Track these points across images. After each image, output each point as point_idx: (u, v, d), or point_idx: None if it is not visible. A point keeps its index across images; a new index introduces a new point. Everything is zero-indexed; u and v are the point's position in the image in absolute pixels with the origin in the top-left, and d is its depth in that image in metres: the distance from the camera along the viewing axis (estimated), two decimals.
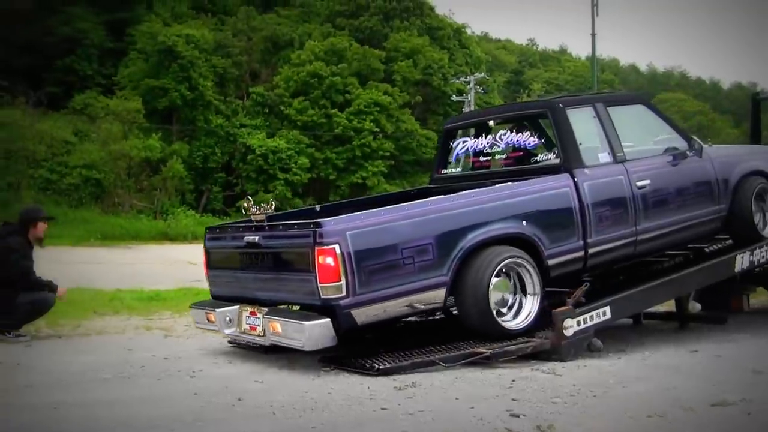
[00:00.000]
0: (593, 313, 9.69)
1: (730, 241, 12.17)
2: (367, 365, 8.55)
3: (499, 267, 9.18)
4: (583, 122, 10.64)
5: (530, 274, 9.52)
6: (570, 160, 10.24)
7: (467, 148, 11.80)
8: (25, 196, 48.67)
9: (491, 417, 6.64)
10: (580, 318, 9.49)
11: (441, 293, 8.97)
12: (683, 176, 11.24)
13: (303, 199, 59.94)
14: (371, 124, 64.19)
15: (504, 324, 9.29)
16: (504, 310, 9.42)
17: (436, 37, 77.97)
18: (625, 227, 10.44)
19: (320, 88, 65.29)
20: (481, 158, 11.58)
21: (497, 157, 11.37)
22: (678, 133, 11.58)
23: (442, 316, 11.11)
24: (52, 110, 58.27)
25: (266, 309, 9.08)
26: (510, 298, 9.49)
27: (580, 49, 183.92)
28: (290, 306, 9.28)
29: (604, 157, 10.60)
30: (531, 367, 8.81)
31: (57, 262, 11.99)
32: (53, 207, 47.82)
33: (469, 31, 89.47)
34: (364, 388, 7.68)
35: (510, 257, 9.32)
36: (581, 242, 10.03)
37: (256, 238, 9.33)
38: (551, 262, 9.75)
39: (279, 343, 8.84)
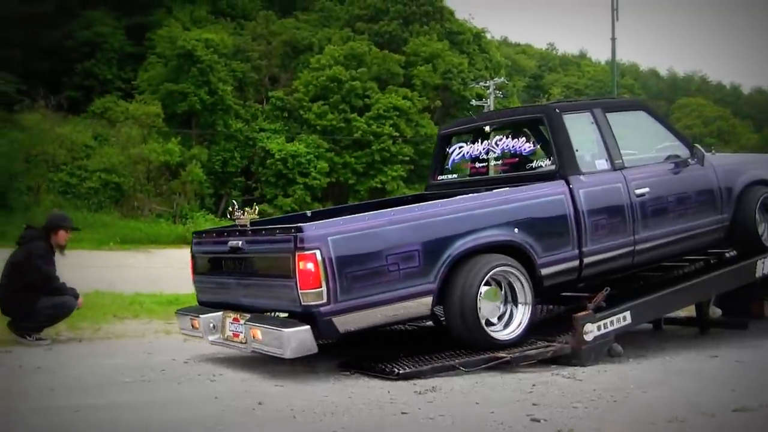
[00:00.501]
0: (614, 318, 9.68)
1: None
2: (387, 369, 8.53)
3: (488, 276, 9.05)
4: (580, 128, 10.49)
5: (521, 283, 9.37)
6: (566, 167, 10.08)
7: (463, 154, 11.66)
8: (44, 200, 48.87)
9: (512, 421, 6.63)
10: (601, 323, 9.48)
11: (428, 301, 8.83)
12: (684, 184, 11.06)
13: (322, 203, 59.82)
14: (390, 128, 64.14)
15: (493, 334, 9.13)
16: (494, 319, 9.26)
17: (456, 41, 77.94)
18: (623, 236, 10.28)
19: (339, 93, 65.29)
20: (477, 164, 11.45)
21: (493, 163, 11.23)
22: (680, 141, 11.42)
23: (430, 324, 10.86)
24: (71, 114, 58.41)
25: (249, 315, 8.95)
26: (500, 308, 9.34)
27: (599, 54, 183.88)
28: (274, 313, 9.18)
29: (602, 163, 10.45)
30: (551, 371, 8.81)
31: (77, 266, 12.00)
32: (73, 211, 47.98)
33: (488, 36, 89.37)
34: (384, 392, 7.67)
35: (500, 266, 9.18)
36: (576, 251, 9.88)
37: (240, 243, 9.21)
38: (544, 271, 9.61)
39: (260, 351, 8.70)
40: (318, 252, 8.11)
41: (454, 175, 11.76)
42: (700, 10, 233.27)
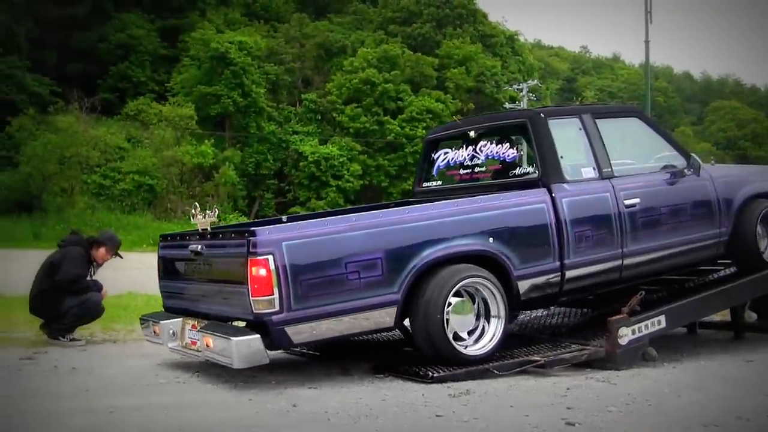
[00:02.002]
0: (648, 321, 9.55)
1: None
2: (421, 372, 8.43)
3: (456, 287, 8.54)
4: (566, 134, 10.02)
5: (494, 296, 8.83)
6: (548, 174, 9.54)
7: (448, 161, 11.10)
8: (78, 202, 49.15)
9: (546, 425, 6.60)
10: (635, 327, 9.36)
11: (391, 312, 8.34)
12: (679, 196, 10.51)
13: (355, 206, 60.02)
14: (423, 131, 64.01)
15: (461, 349, 8.59)
16: (464, 333, 8.71)
17: (489, 44, 78.04)
18: (610, 249, 9.72)
19: (373, 95, 65.37)
20: (462, 171, 10.84)
21: (477, 169, 10.65)
22: (675, 150, 10.85)
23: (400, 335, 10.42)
24: (105, 116, 58.78)
25: (205, 323, 8.61)
26: (472, 322, 8.79)
27: (633, 57, 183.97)
28: (233, 321, 8.73)
29: (589, 172, 9.93)
30: (585, 375, 8.75)
31: (110, 268, 12.02)
32: (106, 213, 48.38)
33: (522, 39, 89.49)
34: (419, 395, 7.64)
35: (471, 277, 8.66)
36: (557, 263, 9.35)
37: (199, 247, 8.86)
38: (521, 283, 9.09)
39: (212, 360, 8.28)
40: (271, 257, 7.75)
41: (439, 182, 11.20)
42: (734, 13, 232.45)
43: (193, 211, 8.97)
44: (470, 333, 8.80)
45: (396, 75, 67.12)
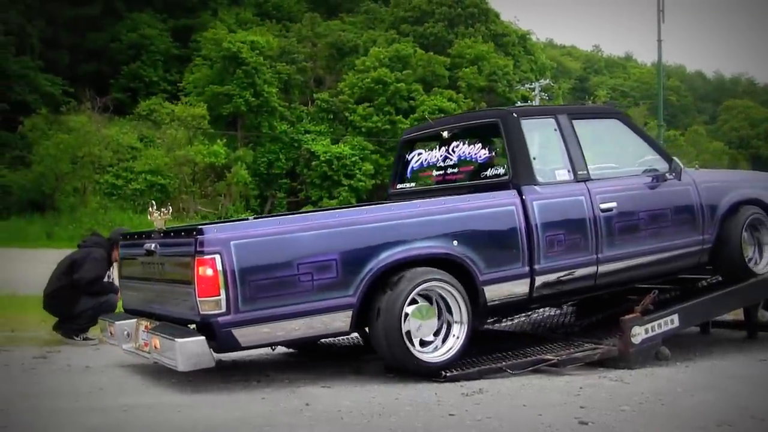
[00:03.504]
0: (661, 321, 9.43)
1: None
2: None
3: (416, 291, 8.18)
4: (540, 135, 9.75)
5: (457, 301, 8.44)
6: (519, 176, 9.16)
7: (422, 161, 10.72)
8: (90, 201, 49.29)
9: (559, 424, 6.57)
10: (649, 326, 9.27)
11: (346, 316, 8.01)
12: (659, 201, 10.10)
13: None
14: None
15: (420, 356, 8.21)
16: (425, 339, 8.35)
17: (501, 43, 78.06)
18: (584, 255, 9.35)
19: (385, 95, 65.43)
20: (435, 172, 10.48)
21: (450, 171, 10.26)
22: (657, 153, 10.47)
23: (358, 340, 10.34)
24: (117, 116, 59.01)
25: (157, 324, 8.36)
26: (433, 327, 8.41)
27: (645, 56, 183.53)
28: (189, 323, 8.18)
29: (563, 174, 9.55)
30: (598, 374, 8.70)
31: None
32: (119, 212, 48.44)
33: (534, 38, 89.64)
34: (432, 394, 7.62)
35: (431, 281, 8.29)
36: (526, 268, 8.94)
37: (153, 246, 8.53)
38: (488, 289, 8.70)
39: (160, 362, 7.96)
40: (218, 257, 7.46)
41: (413, 184, 10.85)
42: (747, 12, 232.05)
43: (150, 209, 8.86)
44: (432, 338, 8.45)
45: (408, 74, 67.19)
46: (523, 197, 9.03)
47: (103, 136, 52.08)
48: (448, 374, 8.24)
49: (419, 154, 10.78)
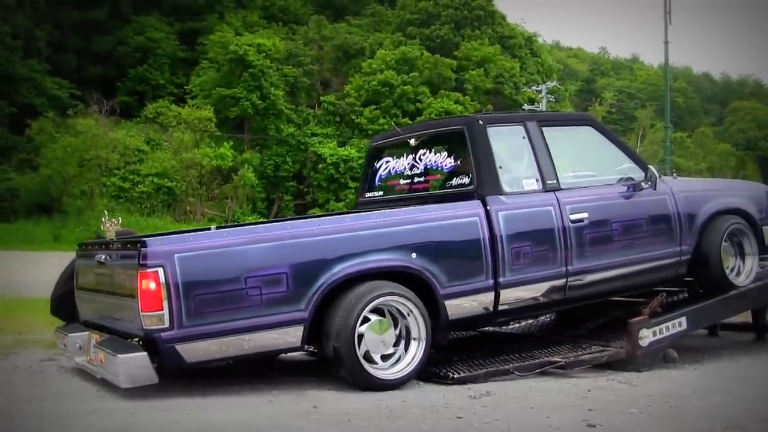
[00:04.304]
0: (669, 323, 9.41)
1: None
2: (441, 374, 8.38)
3: (371, 306, 7.90)
4: (507, 143, 9.38)
5: (415, 316, 8.15)
6: (484, 185, 8.87)
7: (389, 170, 10.38)
8: (97, 204, 49.31)
9: (568, 427, 6.58)
10: (656, 328, 9.25)
11: (297, 331, 7.72)
12: (634, 211, 9.80)
13: None
14: None
15: (374, 372, 7.92)
16: (379, 356, 8.05)
17: (508, 45, 78.04)
18: (552, 267, 9.04)
19: (391, 97, 65.46)
20: (402, 181, 10.11)
21: (417, 179, 9.89)
22: (633, 161, 10.17)
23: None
24: (124, 119, 59.19)
25: (106, 337, 8.15)
26: (389, 343, 8.12)
27: (652, 58, 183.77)
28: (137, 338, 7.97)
29: (531, 183, 9.23)
30: (606, 377, 8.70)
31: None
32: (126, 215, 48.38)
33: (540, 40, 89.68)
34: (439, 396, 7.62)
35: (386, 295, 8.01)
36: (490, 282, 8.63)
37: (103, 257, 8.26)
38: (449, 303, 8.40)
39: (106, 377, 7.76)
40: (161, 270, 7.21)
41: (381, 193, 10.47)
42: (754, 13, 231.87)
43: (103, 219, 8.71)
44: (388, 355, 8.14)
45: (414, 77, 67.20)
46: (488, 207, 8.75)
47: (110, 139, 52.16)
48: (455, 376, 8.24)
49: (387, 162, 10.46)
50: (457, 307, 8.50)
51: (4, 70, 55.13)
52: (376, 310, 8.02)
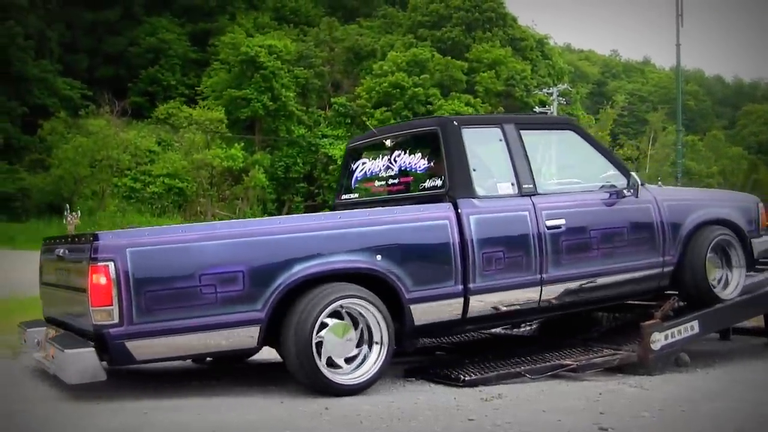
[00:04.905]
0: (681, 327, 9.30)
1: None
2: (452, 376, 8.32)
3: (330, 308, 7.62)
4: (483, 145, 9.08)
5: (377, 320, 7.86)
6: (456, 188, 8.56)
7: (365, 171, 10.04)
8: (109, 205, 49.44)
9: (579, 430, 6.56)
10: (668, 332, 9.14)
11: (253, 332, 7.47)
12: (615, 218, 9.45)
13: None
14: None
15: (334, 377, 7.65)
16: (340, 360, 7.79)
17: (519, 48, 78.11)
18: (526, 274, 8.70)
19: (402, 99, 65.51)
20: (377, 183, 9.81)
21: (391, 181, 9.60)
22: (615, 167, 9.78)
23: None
24: (136, 120, 59.31)
25: (60, 333, 7.96)
26: (351, 347, 7.85)
27: (663, 60, 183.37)
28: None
29: (506, 187, 8.89)
30: (618, 380, 8.65)
31: None
32: (137, 215, 48.51)
33: (551, 42, 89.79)
34: (450, 399, 7.60)
35: (347, 297, 7.73)
36: (459, 287, 8.31)
37: (62, 251, 8.06)
38: (415, 308, 8.09)
39: (56, 373, 7.48)
40: (112, 264, 6.98)
41: (356, 195, 10.16)
42: (767, 16, 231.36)
43: (65, 213, 8.53)
44: (350, 359, 7.88)
45: (425, 79, 67.27)
46: (459, 211, 8.43)
47: (121, 140, 52.29)
48: (466, 379, 8.20)
49: (363, 163, 10.11)
50: (424, 313, 8.20)
51: (17, 70, 55.34)
52: (338, 313, 7.77)
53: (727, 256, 10.18)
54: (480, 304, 8.46)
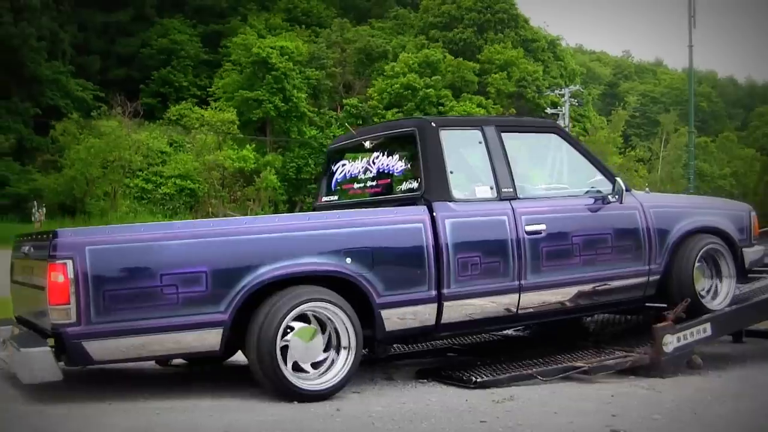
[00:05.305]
0: (694, 329, 9.20)
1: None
2: (464, 377, 8.25)
3: (296, 311, 7.41)
4: (462, 148, 8.87)
5: (345, 324, 7.62)
6: (432, 190, 8.31)
7: (345, 173, 9.74)
8: (120, 205, 49.53)
9: None
10: (681, 334, 9.06)
11: (215, 334, 7.26)
12: (598, 225, 9.17)
13: None
14: None
15: (299, 383, 7.41)
16: (307, 365, 7.56)
17: (531, 49, 78.12)
18: (503, 281, 8.43)
19: (414, 100, 65.55)
20: (356, 185, 9.52)
21: (369, 184, 9.33)
22: (600, 172, 9.50)
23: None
24: (148, 121, 59.38)
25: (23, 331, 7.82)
26: (318, 352, 7.63)
27: (676, 62, 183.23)
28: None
29: (485, 191, 8.66)
30: (630, 382, 8.62)
31: None
32: (148, 216, 48.57)
33: (563, 43, 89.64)
34: (462, 401, 7.58)
35: (313, 301, 7.52)
36: (433, 292, 8.06)
37: (27, 248, 7.95)
38: (386, 313, 7.87)
39: (14, 372, 7.37)
40: (70, 262, 6.82)
41: (336, 197, 9.84)
42: None
43: (33, 209, 8.38)
44: (318, 364, 7.64)
45: (437, 80, 67.33)
46: (434, 214, 8.19)
47: (133, 141, 52.40)
48: (478, 380, 8.17)
49: (343, 165, 9.80)
50: (396, 318, 7.99)
51: (30, 71, 55.50)
52: (304, 316, 7.55)
53: (716, 265, 9.89)
54: (455, 310, 8.24)
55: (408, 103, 65.43)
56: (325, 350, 7.64)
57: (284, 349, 7.38)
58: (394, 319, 7.94)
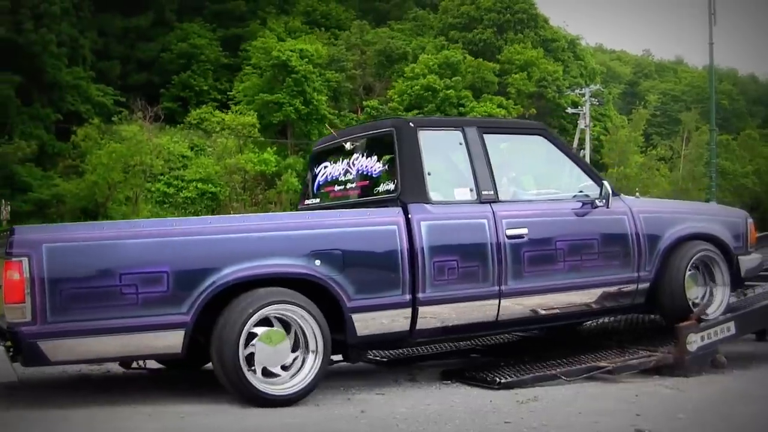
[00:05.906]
0: (718, 328, 9.23)
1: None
2: (488, 378, 8.28)
3: (260, 314, 7.32)
4: (441, 149, 8.83)
5: (312, 328, 7.52)
6: (407, 192, 8.21)
7: (326, 175, 9.62)
8: (142, 210, 49.58)
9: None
10: (704, 333, 9.06)
11: (177, 336, 7.14)
12: (583, 230, 9.04)
13: None
14: None
15: (264, 388, 7.34)
16: (275, 369, 7.49)
17: (551, 48, 77.97)
18: (482, 286, 8.31)
19: (434, 102, 65.45)
20: (336, 187, 9.41)
21: (349, 185, 9.21)
22: (587, 176, 9.38)
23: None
24: (168, 125, 59.39)
25: None
26: (284, 356, 7.53)
27: (696, 60, 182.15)
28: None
29: (464, 193, 8.57)
30: (654, 382, 8.64)
31: None
32: None
33: (583, 43, 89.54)
34: (486, 402, 7.59)
35: (278, 303, 7.42)
36: (407, 297, 7.96)
37: None
38: (358, 317, 7.77)
39: None
40: (26, 260, 6.72)
41: (317, 200, 9.78)
42: None
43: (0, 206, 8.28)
44: (286, 367, 7.56)
45: (457, 81, 67.22)
46: (409, 216, 8.08)
47: (154, 145, 52.42)
48: (502, 381, 8.17)
49: (325, 167, 9.68)
50: (369, 323, 7.87)
51: (50, 77, 55.71)
52: (269, 319, 7.47)
53: (710, 273, 9.78)
54: (430, 315, 8.14)
55: (428, 104, 65.34)
56: (293, 351, 7.57)
57: (251, 356, 7.31)
58: (366, 323, 7.84)
